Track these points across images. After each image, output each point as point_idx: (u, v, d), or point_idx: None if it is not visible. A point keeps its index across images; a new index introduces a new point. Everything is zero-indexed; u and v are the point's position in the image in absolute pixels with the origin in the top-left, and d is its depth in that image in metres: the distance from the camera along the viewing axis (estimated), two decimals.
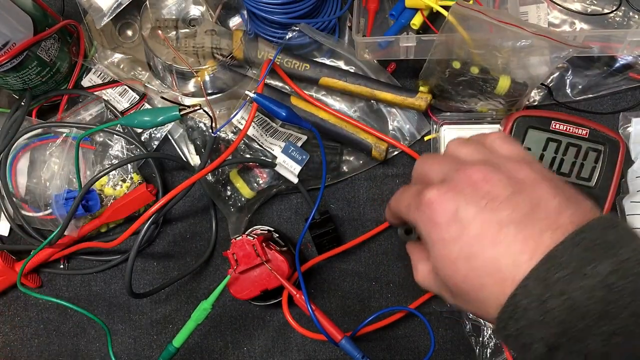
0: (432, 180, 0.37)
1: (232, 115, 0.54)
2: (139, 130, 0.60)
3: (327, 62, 0.60)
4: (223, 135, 0.58)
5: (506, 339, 0.32)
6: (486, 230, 0.32)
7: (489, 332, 0.54)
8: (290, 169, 0.55)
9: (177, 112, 0.49)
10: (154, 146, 0.60)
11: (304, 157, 0.55)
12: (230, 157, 0.56)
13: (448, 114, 0.58)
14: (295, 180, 0.55)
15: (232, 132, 0.57)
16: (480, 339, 0.54)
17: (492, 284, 0.32)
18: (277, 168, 0.55)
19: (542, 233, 0.31)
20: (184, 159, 0.60)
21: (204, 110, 0.51)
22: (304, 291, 0.49)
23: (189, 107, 0.49)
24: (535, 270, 0.30)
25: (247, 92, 0.50)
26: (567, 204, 0.33)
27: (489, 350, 0.54)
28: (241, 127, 0.57)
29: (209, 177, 0.57)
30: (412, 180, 0.41)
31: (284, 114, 0.51)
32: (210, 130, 0.51)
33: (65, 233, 0.51)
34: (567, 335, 0.29)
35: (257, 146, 0.57)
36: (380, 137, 0.57)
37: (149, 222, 0.48)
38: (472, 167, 0.35)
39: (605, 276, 0.29)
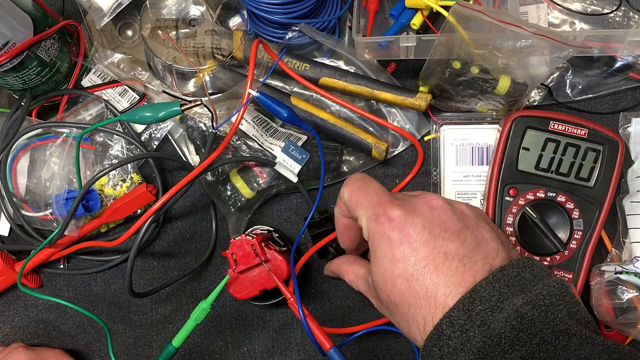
0: (390, 197, 0.39)
1: (234, 112, 0.54)
2: (139, 130, 0.60)
3: (327, 62, 0.60)
4: (223, 135, 0.58)
5: None
6: (433, 257, 0.35)
7: None
8: (290, 168, 0.55)
9: (179, 107, 0.49)
10: (154, 146, 0.60)
11: (304, 156, 0.55)
12: (230, 156, 0.57)
13: (448, 114, 0.58)
14: (295, 179, 0.55)
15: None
16: None
17: (425, 306, 0.35)
18: (277, 167, 0.55)
19: (478, 270, 0.35)
20: (184, 159, 0.60)
21: (205, 105, 0.50)
22: (297, 295, 0.48)
23: (190, 101, 0.49)
24: (461, 302, 0.33)
25: (249, 91, 0.50)
26: (501, 247, 0.37)
27: None
28: (241, 126, 0.57)
29: (209, 177, 0.57)
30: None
31: (285, 115, 0.51)
32: (211, 128, 0.51)
33: (65, 233, 0.51)
34: None
35: (257, 146, 0.57)
36: (387, 126, 0.58)
37: (149, 221, 0.48)
38: (432, 195, 0.39)
39: (519, 307, 0.32)
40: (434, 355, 0.34)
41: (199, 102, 0.50)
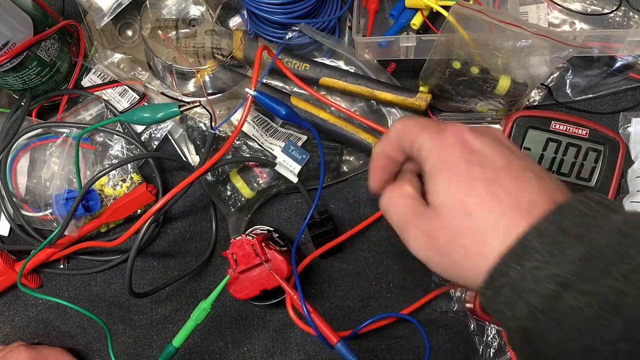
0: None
1: (232, 112, 0.54)
2: (139, 130, 0.60)
3: (327, 62, 0.60)
4: (223, 135, 0.58)
5: (498, 290, 0.31)
6: (511, 167, 0.33)
7: (493, 331, 0.54)
8: (290, 168, 0.55)
9: (177, 109, 0.49)
10: (154, 146, 0.60)
11: (304, 156, 0.55)
12: (230, 156, 0.57)
13: (448, 114, 0.58)
14: (295, 179, 0.55)
15: (232, 131, 0.57)
16: (484, 338, 0.54)
17: (509, 211, 0.31)
18: (277, 167, 0.55)
19: (555, 189, 0.32)
20: (184, 159, 0.60)
21: (204, 107, 0.51)
22: (299, 292, 0.48)
23: (188, 103, 0.49)
24: (551, 214, 0.30)
25: (247, 90, 0.50)
26: (553, 197, 0.33)
27: (492, 350, 0.54)
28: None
29: (209, 177, 0.57)
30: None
31: (283, 113, 0.51)
32: (210, 128, 0.51)
33: (65, 233, 0.51)
34: (583, 274, 0.28)
35: (257, 146, 0.57)
36: (382, 131, 0.57)
37: (149, 222, 0.48)
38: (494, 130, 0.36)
39: (620, 223, 0.29)
40: (511, 274, 0.30)
41: (198, 104, 0.50)
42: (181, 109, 0.49)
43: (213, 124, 0.50)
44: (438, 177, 0.34)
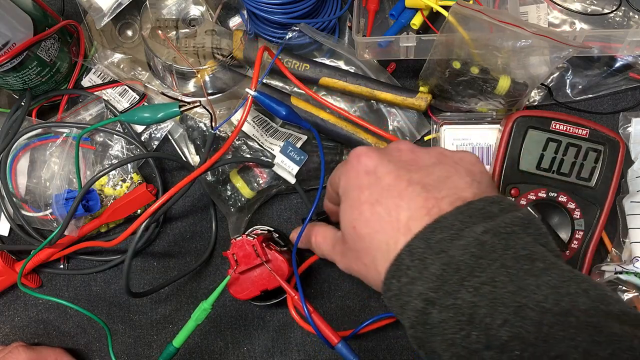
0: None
1: (232, 113, 0.54)
2: (139, 130, 0.60)
3: (327, 62, 0.60)
4: (223, 135, 0.58)
5: (389, 300, 0.34)
6: (396, 183, 0.35)
7: None
8: (288, 169, 0.55)
9: (177, 109, 0.49)
10: (154, 146, 0.60)
11: (302, 157, 0.55)
12: (230, 157, 0.57)
13: (448, 114, 0.58)
14: (292, 180, 0.55)
15: (232, 131, 0.57)
16: None
17: (389, 229, 0.34)
18: (275, 168, 0.55)
19: (442, 199, 0.34)
20: (184, 159, 0.60)
21: (204, 107, 0.51)
22: (300, 293, 0.48)
23: (188, 103, 0.49)
24: (422, 232, 0.33)
25: (247, 90, 0.50)
26: (476, 184, 0.36)
27: None
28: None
29: (209, 177, 0.57)
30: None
31: (283, 113, 0.51)
32: (210, 128, 0.51)
33: (66, 233, 0.51)
34: (442, 290, 0.31)
35: (257, 146, 0.57)
36: (383, 135, 0.57)
37: (147, 222, 0.48)
38: (403, 142, 0.40)
39: (479, 234, 0.31)
40: (393, 288, 0.33)
41: (198, 104, 0.50)
42: (181, 109, 0.49)
43: (213, 124, 0.50)
44: (341, 206, 0.39)
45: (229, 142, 0.50)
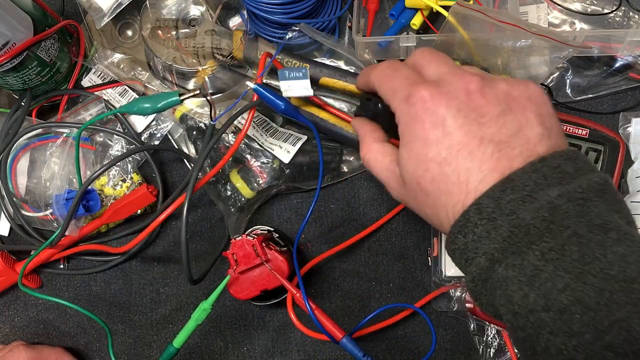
0: (428, 75, 0.38)
1: (232, 104, 0.53)
2: (139, 130, 0.60)
3: (327, 62, 0.60)
4: (223, 135, 0.58)
5: (453, 253, 0.34)
6: (467, 141, 0.33)
7: (493, 331, 0.54)
8: (301, 86, 0.51)
9: (177, 97, 0.49)
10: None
11: (303, 70, 0.51)
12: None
13: None
14: (311, 92, 0.51)
15: (232, 132, 0.57)
16: (484, 338, 0.54)
17: (456, 192, 0.33)
18: (287, 93, 0.52)
19: (515, 157, 0.33)
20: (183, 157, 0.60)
21: (204, 95, 0.50)
22: (302, 290, 0.49)
23: (189, 91, 0.49)
24: (492, 190, 0.32)
25: (247, 83, 0.49)
26: (548, 134, 0.34)
27: (492, 350, 0.54)
28: (241, 126, 0.57)
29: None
30: (406, 64, 0.40)
31: (282, 106, 0.50)
32: (210, 119, 0.50)
33: (66, 233, 0.51)
34: (510, 251, 0.31)
35: (257, 146, 0.57)
36: None
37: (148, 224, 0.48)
38: (471, 76, 0.35)
39: (553, 198, 0.30)
40: (458, 242, 0.33)
41: (198, 92, 0.49)
42: (182, 97, 0.49)
43: (213, 114, 0.50)
44: (402, 149, 0.36)
45: (234, 147, 0.50)
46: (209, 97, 0.50)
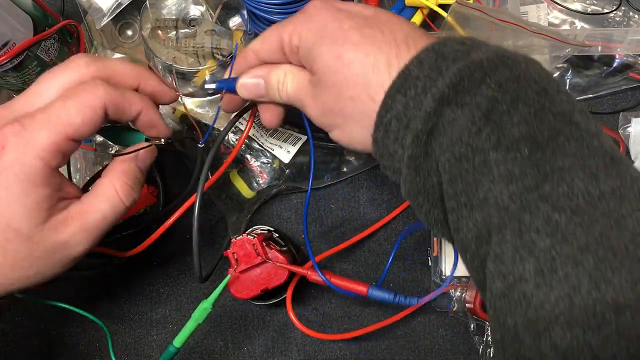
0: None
1: (215, 114, 0.53)
2: None
3: None
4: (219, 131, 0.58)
5: (388, 124, 0.31)
6: (378, 14, 0.34)
7: None
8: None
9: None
10: None
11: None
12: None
13: None
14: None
15: (232, 132, 0.57)
16: (484, 338, 0.54)
17: (386, 48, 0.32)
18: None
19: (421, 42, 0.32)
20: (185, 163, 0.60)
21: (186, 124, 0.49)
22: (313, 262, 0.49)
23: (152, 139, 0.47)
24: (431, 45, 0.31)
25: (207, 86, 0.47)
26: (427, 35, 0.34)
27: (492, 350, 0.54)
28: (241, 126, 0.57)
29: (209, 177, 0.57)
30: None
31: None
32: (197, 143, 0.48)
33: None
34: (460, 86, 0.29)
35: (257, 146, 0.57)
36: None
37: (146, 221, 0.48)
38: None
39: (496, 49, 0.30)
40: (397, 105, 0.30)
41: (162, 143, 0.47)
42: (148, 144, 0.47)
43: (199, 137, 0.48)
44: (314, 47, 0.34)
45: (235, 151, 0.50)
46: (191, 121, 0.49)
